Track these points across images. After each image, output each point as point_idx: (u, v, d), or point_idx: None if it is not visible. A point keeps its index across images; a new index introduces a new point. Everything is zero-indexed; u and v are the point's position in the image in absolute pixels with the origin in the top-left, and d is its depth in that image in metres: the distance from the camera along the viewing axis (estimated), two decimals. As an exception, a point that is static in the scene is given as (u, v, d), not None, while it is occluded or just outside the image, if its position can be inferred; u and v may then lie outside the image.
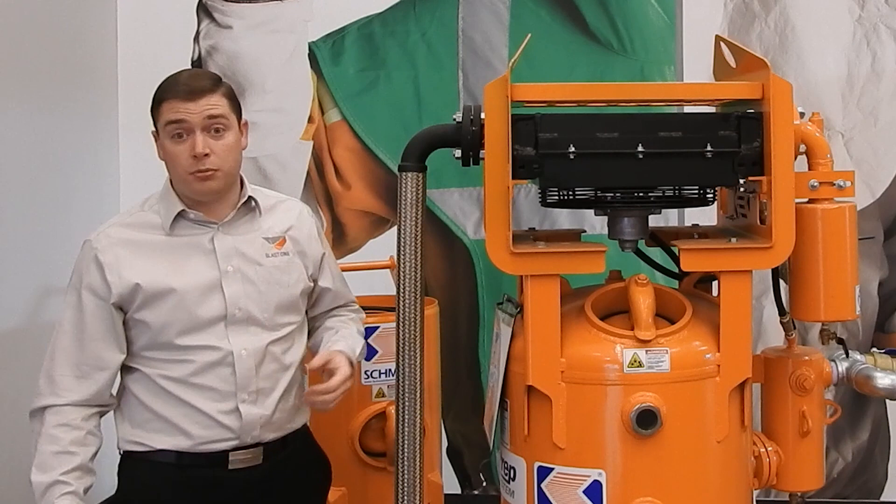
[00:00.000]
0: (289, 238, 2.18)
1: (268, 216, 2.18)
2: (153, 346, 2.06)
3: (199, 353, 2.05)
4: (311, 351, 2.27)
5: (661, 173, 1.88)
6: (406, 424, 2.08)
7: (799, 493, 2.07)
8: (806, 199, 1.91)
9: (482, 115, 1.85)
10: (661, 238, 2.09)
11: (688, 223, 2.28)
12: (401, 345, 2.10)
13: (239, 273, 2.09)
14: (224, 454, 2.08)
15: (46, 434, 2.04)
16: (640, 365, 1.83)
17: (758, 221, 1.93)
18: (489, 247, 1.85)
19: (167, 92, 2.04)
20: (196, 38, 3.75)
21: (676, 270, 2.05)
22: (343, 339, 2.22)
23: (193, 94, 2.02)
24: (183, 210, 2.08)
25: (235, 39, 3.73)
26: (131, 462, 2.13)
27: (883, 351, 2.13)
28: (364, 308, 2.46)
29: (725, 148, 1.85)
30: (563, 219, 3.34)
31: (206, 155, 2.01)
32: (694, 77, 3.43)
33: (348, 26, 3.70)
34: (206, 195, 2.08)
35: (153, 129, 2.10)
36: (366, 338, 2.72)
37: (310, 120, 3.70)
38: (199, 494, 2.09)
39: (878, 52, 3.52)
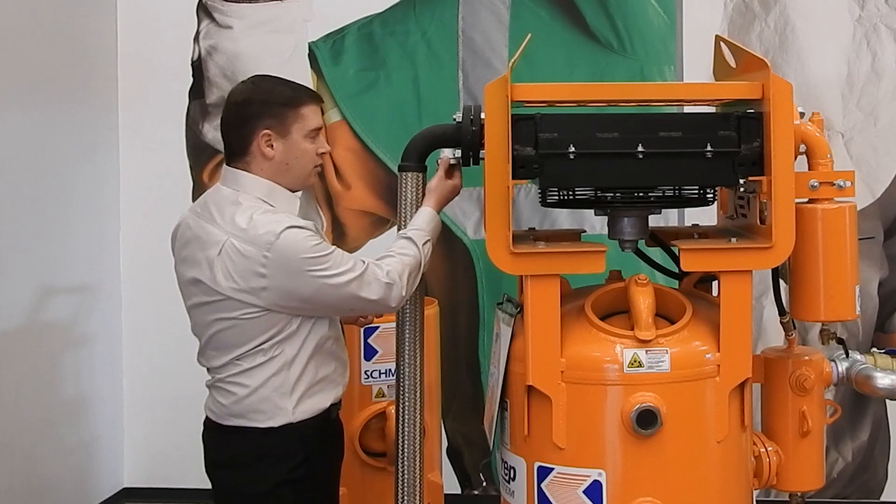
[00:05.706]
0: None
1: None
2: None
3: None
4: None
5: (661, 173, 1.88)
6: (406, 424, 2.08)
7: (799, 493, 2.07)
8: (806, 199, 1.91)
9: (482, 115, 1.85)
10: (661, 238, 2.09)
11: (688, 223, 2.28)
12: (401, 345, 2.10)
13: None
14: (339, 401, 2.20)
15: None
16: (640, 365, 1.83)
17: (758, 221, 1.93)
18: (489, 247, 1.85)
19: (304, 97, 2.13)
20: (196, 38, 3.75)
21: (676, 270, 2.05)
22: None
23: (320, 102, 2.17)
24: None
25: (235, 39, 3.73)
26: (288, 431, 2.09)
27: (883, 351, 2.13)
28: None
29: (725, 148, 1.85)
30: (563, 219, 3.33)
31: None
32: (694, 77, 3.43)
33: (348, 26, 3.70)
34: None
35: (267, 130, 2.05)
36: (366, 338, 2.74)
37: (310, 120, 3.70)
38: (330, 443, 2.18)
39: (878, 52, 3.52)
